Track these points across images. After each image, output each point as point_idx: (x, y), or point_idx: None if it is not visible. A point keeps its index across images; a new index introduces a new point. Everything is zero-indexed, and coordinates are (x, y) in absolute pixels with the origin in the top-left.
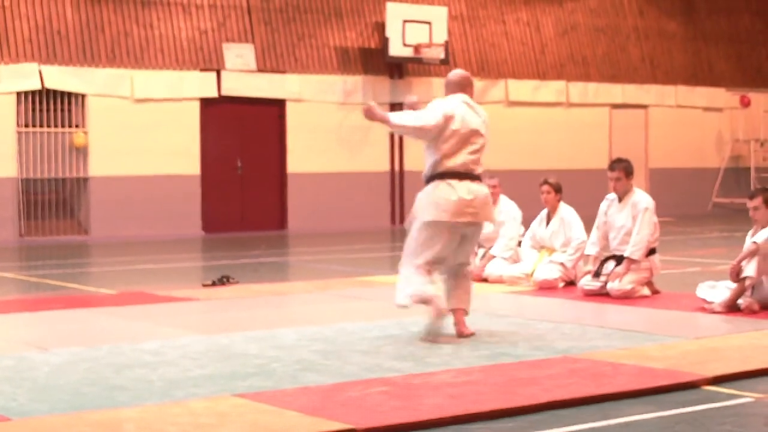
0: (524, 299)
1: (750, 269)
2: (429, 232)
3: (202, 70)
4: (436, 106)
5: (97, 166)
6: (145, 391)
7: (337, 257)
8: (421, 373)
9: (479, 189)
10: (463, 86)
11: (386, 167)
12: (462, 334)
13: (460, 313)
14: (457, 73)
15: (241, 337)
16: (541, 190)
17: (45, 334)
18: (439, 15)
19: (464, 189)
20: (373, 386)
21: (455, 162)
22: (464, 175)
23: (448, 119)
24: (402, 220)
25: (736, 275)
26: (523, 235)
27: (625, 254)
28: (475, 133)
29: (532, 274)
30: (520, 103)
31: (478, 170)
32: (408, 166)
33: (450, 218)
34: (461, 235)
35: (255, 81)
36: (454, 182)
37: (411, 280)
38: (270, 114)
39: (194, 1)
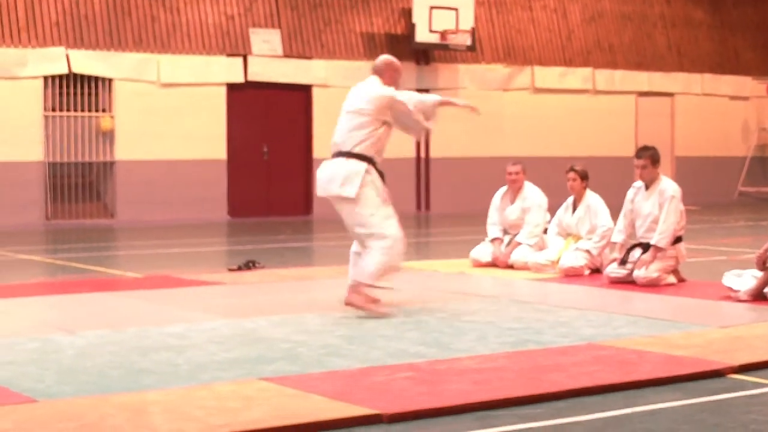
0: (550, 286)
1: None
2: None
3: (228, 55)
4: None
5: (124, 151)
6: (171, 374)
7: None
8: (447, 359)
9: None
10: (380, 72)
11: (412, 153)
12: (346, 302)
13: (354, 285)
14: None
15: (266, 322)
16: (567, 177)
17: (71, 317)
18: (466, 1)
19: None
20: (398, 371)
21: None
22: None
23: None
24: (428, 206)
25: (762, 264)
26: (549, 222)
27: (652, 242)
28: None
29: (557, 261)
30: (546, 90)
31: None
32: (434, 152)
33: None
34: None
35: (281, 66)
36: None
37: None
38: (296, 99)
39: None
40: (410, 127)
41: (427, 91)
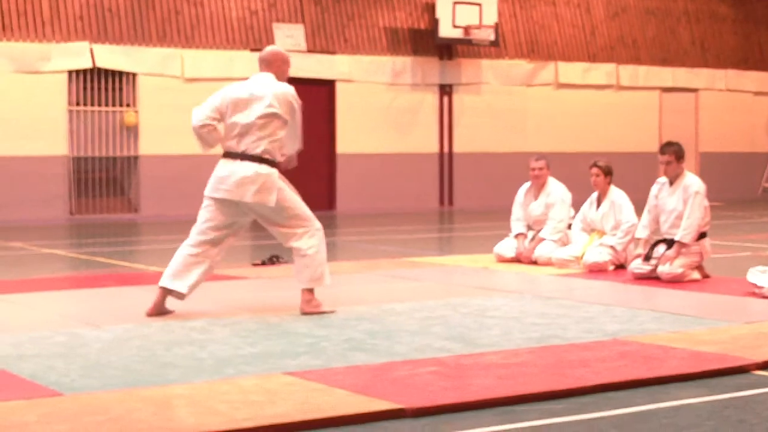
0: (574, 282)
1: None
2: None
3: (252, 50)
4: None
5: (148, 145)
6: (196, 368)
7: (386, 238)
8: (471, 354)
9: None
10: (268, 63)
11: (435, 149)
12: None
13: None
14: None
15: (290, 316)
16: (591, 173)
17: (96, 311)
18: None
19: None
20: (422, 366)
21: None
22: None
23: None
24: (451, 201)
25: None
26: (573, 217)
27: (676, 238)
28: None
29: (581, 257)
30: (569, 86)
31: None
32: (457, 148)
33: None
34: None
35: (305, 61)
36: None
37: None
38: (320, 94)
39: None
40: None
41: (450, 87)
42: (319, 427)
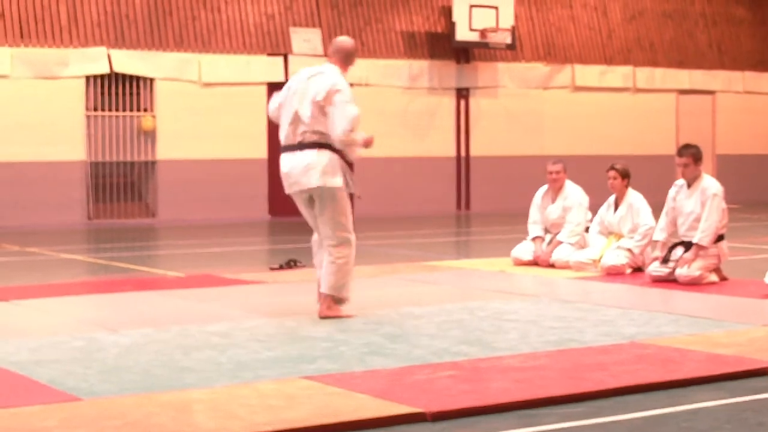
0: (591, 285)
1: None
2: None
3: (269, 54)
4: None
5: (165, 150)
6: (214, 372)
7: (403, 242)
8: (489, 357)
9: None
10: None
11: (452, 152)
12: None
13: (321, 296)
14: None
15: (308, 320)
16: (608, 176)
17: (114, 316)
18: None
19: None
20: (440, 370)
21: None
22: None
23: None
24: (468, 205)
25: None
26: (591, 220)
27: (694, 240)
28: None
29: (599, 260)
30: (586, 89)
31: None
32: (474, 151)
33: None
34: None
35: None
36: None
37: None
38: None
39: None
40: None
41: (467, 90)
42: None
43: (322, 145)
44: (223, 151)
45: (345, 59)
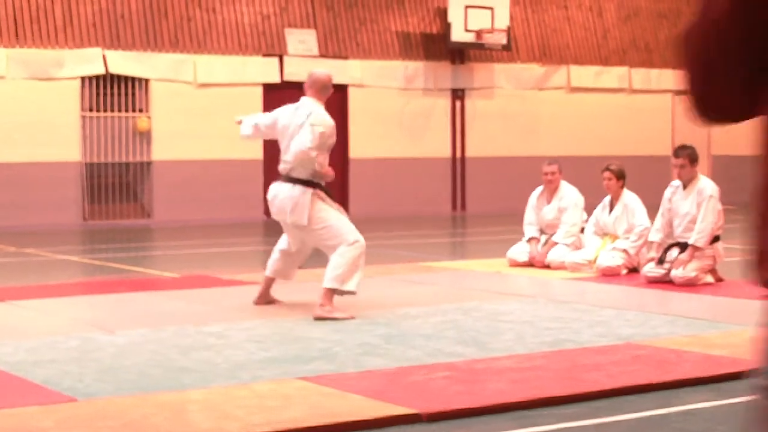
0: (587, 286)
1: None
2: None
3: (264, 55)
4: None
5: (160, 151)
6: (211, 373)
7: (399, 242)
8: (484, 358)
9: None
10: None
11: (448, 153)
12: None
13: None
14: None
15: (304, 321)
16: (603, 177)
17: (110, 317)
18: (502, 0)
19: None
20: (436, 371)
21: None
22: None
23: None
24: (464, 206)
25: None
26: (586, 221)
27: (690, 241)
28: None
29: (594, 261)
30: (582, 89)
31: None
32: (469, 152)
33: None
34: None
35: (317, 66)
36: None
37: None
38: (332, 99)
39: None
40: None
41: (462, 91)
42: None
43: (295, 180)
44: (219, 151)
45: (321, 90)
